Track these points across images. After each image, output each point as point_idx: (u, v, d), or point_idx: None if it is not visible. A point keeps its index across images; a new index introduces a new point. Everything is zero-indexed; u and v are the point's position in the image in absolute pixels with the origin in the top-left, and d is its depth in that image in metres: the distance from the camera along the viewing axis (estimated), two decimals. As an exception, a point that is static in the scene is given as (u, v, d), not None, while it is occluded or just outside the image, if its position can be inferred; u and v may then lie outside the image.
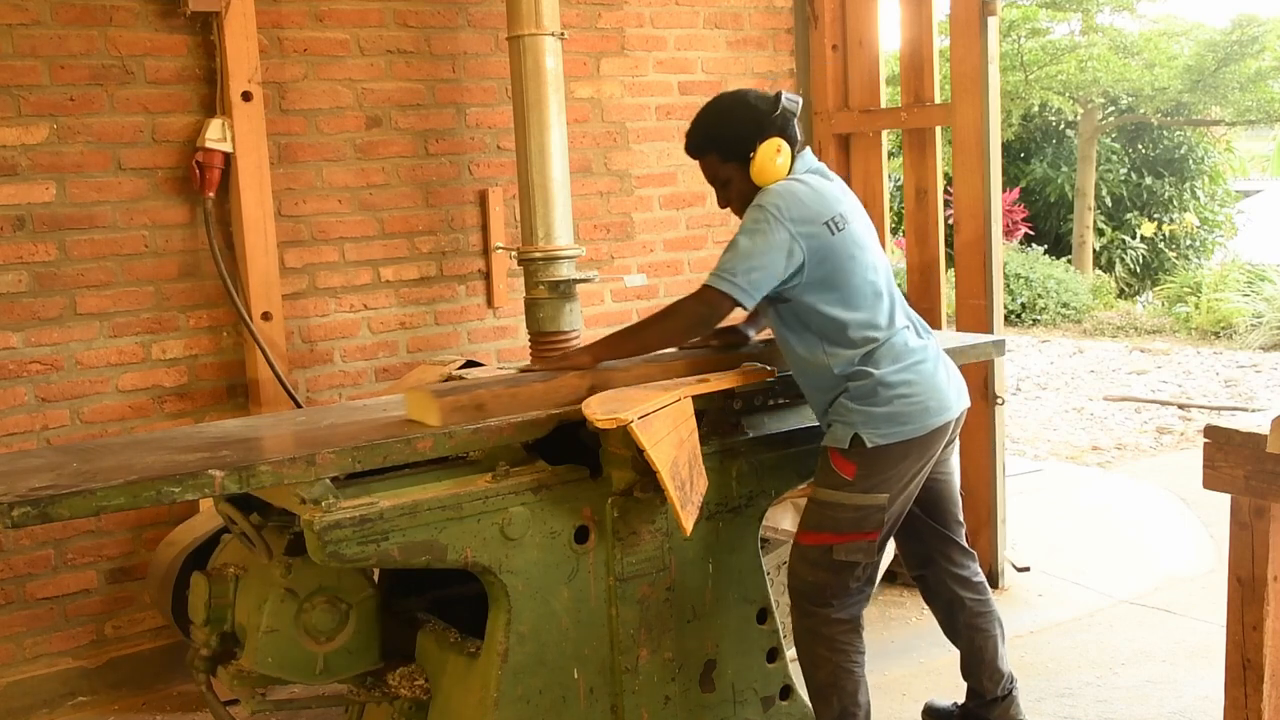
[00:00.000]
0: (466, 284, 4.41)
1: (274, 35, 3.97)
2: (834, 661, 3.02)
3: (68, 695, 3.85)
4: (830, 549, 2.96)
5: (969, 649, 3.32)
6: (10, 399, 3.69)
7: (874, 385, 2.91)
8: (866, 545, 2.97)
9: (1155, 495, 5.97)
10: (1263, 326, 10.92)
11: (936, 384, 2.98)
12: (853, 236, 2.92)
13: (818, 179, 2.98)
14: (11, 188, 3.64)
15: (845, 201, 2.98)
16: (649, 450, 2.63)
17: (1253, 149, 20.02)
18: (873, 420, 2.90)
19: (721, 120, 3.02)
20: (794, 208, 2.87)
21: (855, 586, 3.01)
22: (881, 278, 2.99)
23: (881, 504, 2.94)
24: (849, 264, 2.90)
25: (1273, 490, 2.28)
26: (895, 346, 2.95)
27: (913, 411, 2.93)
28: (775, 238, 2.84)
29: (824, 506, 2.98)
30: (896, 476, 2.95)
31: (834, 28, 4.92)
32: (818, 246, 2.87)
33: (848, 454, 2.93)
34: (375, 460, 2.58)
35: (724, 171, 3.02)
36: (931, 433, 2.97)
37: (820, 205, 2.90)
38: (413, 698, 2.88)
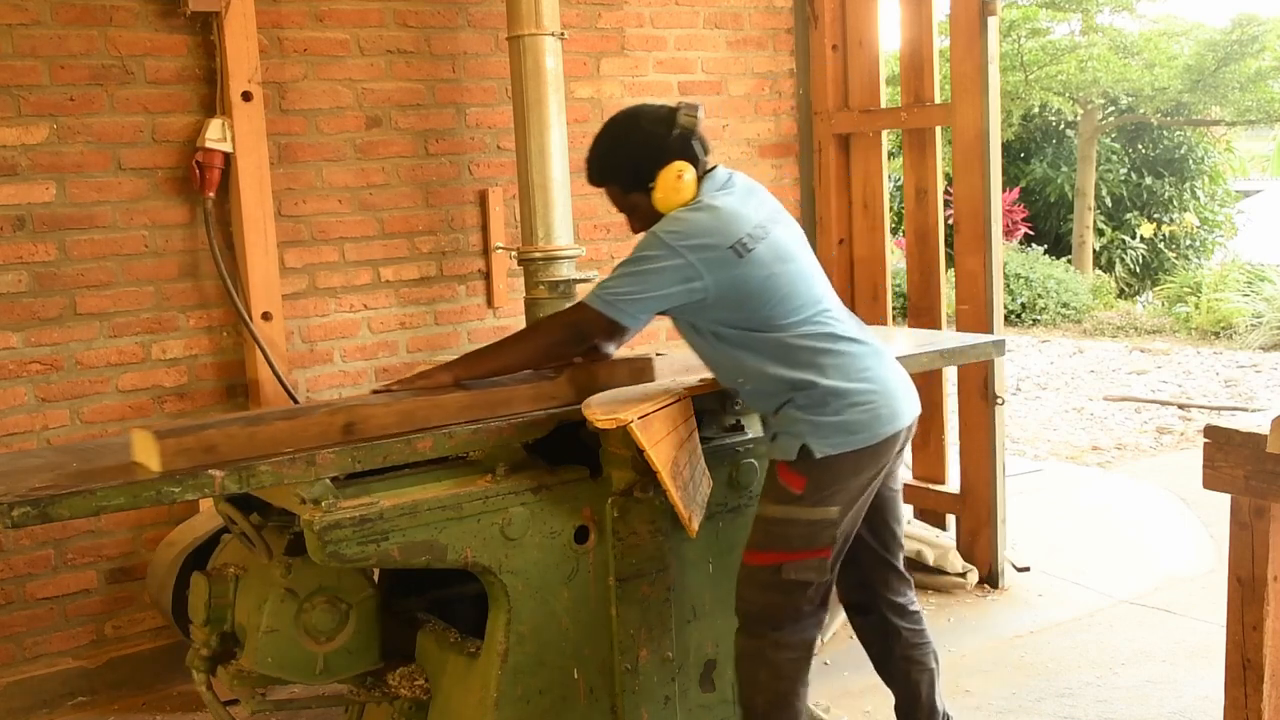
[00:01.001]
0: (466, 284, 4.41)
1: (274, 35, 3.97)
2: (775, 689, 2.83)
3: (68, 695, 3.85)
4: (780, 568, 2.78)
5: (904, 685, 3.11)
6: (10, 399, 3.69)
7: (823, 394, 2.74)
8: (818, 563, 2.78)
9: (1155, 495, 5.97)
10: (1263, 326, 10.92)
11: (887, 390, 2.81)
12: (774, 250, 2.74)
13: (727, 198, 2.78)
14: (11, 188, 3.64)
15: (762, 214, 2.80)
16: (649, 450, 2.63)
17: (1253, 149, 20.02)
18: (821, 430, 2.73)
19: (616, 149, 2.86)
20: (692, 235, 2.69)
21: (808, 609, 2.82)
22: (816, 285, 2.83)
23: (833, 518, 2.76)
24: (772, 280, 2.72)
25: (1273, 490, 2.28)
26: (839, 354, 2.77)
27: (864, 420, 2.75)
28: (667, 264, 2.68)
29: (772, 523, 2.80)
30: (847, 489, 2.77)
31: (834, 28, 4.92)
32: (724, 271, 2.69)
33: (795, 466, 2.75)
34: (375, 460, 2.59)
35: (628, 202, 2.87)
36: (884, 441, 2.78)
37: (725, 228, 2.71)
38: (413, 698, 2.88)
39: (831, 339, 2.78)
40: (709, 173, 2.84)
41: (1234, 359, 10.18)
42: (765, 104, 4.99)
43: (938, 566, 4.62)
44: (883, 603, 3.05)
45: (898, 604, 3.06)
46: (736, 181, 2.87)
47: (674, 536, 2.94)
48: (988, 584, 4.60)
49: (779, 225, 2.82)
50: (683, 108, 2.81)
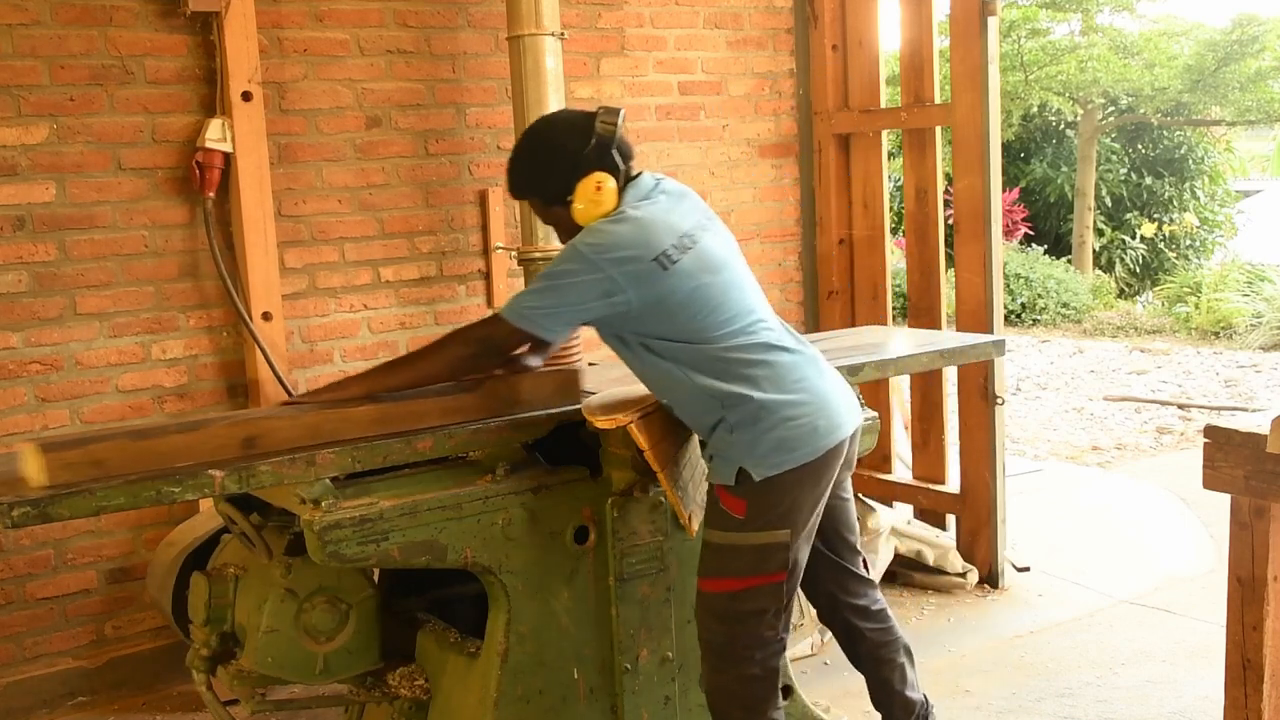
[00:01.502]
0: (466, 284, 4.41)
1: (274, 35, 3.97)
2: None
3: (68, 695, 3.85)
4: (734, 597, 2.66)
5: (874, 679, 3.06)
6: (10, 399, 3.70)
7: (755, 410, 2.60)
8: (772, 588, 2.66)
9: (1155, 495, 5.97)
10: (1263, 326, 10.92)
11: (825, 400, 2.68)
12: (701, 260, 2.62)
13: (650, 207, 2.66)
14: (11, 188, 3.64)
15: (689, 222, 2.68)
16: (648, 450, 2.63)
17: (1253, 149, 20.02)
18: (757, 450, 2.60)
19: (533, 163, 2.74)
20: (612, 248, 2.57)
21: (769, 635, 2.70)
22: (749, 294, 2.71)
23: (784, 541, 2.63)
24: (700, 290, 2.60)
25: (1273, 490, 2.28)
26: (773, 365, 2.64)
27: (801, 435, 2.62)
28: (585, 277, 2.56)
29: (719, 551, 2.68)
30: (794, 509, 2.64)
31: (834, 28, 4.92)
32: (647, 284, 2.57)
33: (734, 490, 2.62)
34: (375, 460, 2.58)
35: (549, 214, 2.77)
36: (825, 455, 2.65)
37: (647, 239, 2.59)
38: (413, 698, 2.88)
39: (764, 349, 2.65)
40: (633, 180, 2.72)
41: (1234, 359, 10.18)
42: (765, 104, 4.99)
43: (938, 566, 4.62)
44: (843, 607, 2.98)
45: (858, 606, 2.99)
46: (664, 188, 2.75)
47: (674, 536, 2.94)
48: (988, 584, 4.61)
49: (708, 233, 2.70)
50: (601, 113, 2.68)
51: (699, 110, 4.83)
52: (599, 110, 2.70)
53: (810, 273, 5.11)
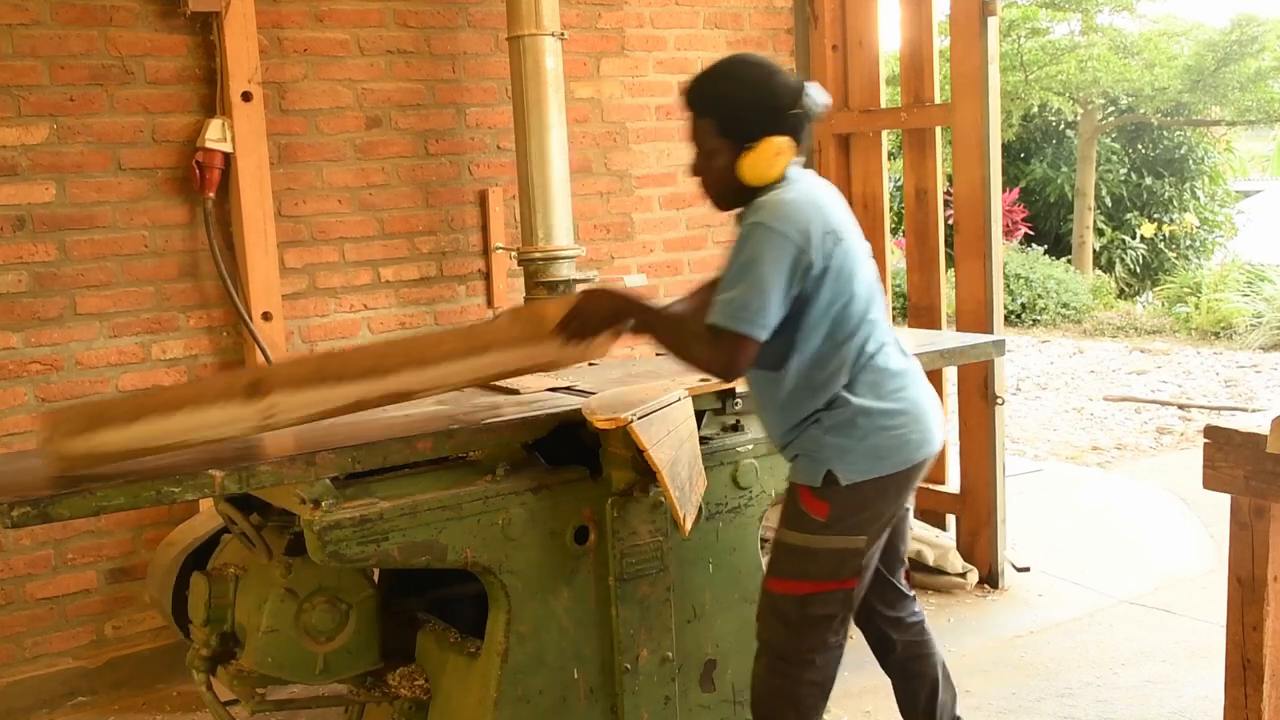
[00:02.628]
0: (466, 284, 4.41)
1: (274, 35, 3.97)
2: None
3: (68, 695, 3.85)
4: (804, 600, 2.64)
5: (902, 689, 3.05)
6: (10, 399, 3.70)
7: (852, 415, 2.59)
8: (844, 595, 2.65)
9: (1155, 495, 5.97)
10: (1263, 326, 10.92)
11: (921, 413, 2.66)
12: (848, 250, 2.59)
13: (808, 187, 2.61)
14: (11, 188, 3.64)
15: (838, 213, 2.63)
16: (648, 450, 2.63)
17: (1253, 149, 20.01)
18: (848, 455, 2.59)
19: (737, 90, 2.58)
20: (793, 215, 2.50)
21: (834, 641, 2.68)
22: (873, 299, 2.67)
23: (859, 547, 2.62)
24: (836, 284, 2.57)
25: (1273, 490, 2.28)
26: (876, 372, 2.62)
27: (893, 445, 2.61)
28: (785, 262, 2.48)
29: (794, 552, 2.65)
30: (873, 517, 2.64)
31: (834, 28, 4.92)
32: (823, 253, 2.52)
33: (820, 493, 2.61)
34: (375, 460, 2.58)
35: (713, 143, 2.61)
36: (912, 468, 2.66)
37: (820, 211, 2.55)
38: (413, 698, 2.88)
39: (872, 355, 2.63)
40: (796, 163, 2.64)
41: (1234, 359, 10.18)
42: (765, 104, 4.98)
43: (938, 566, 4.62)
44: (879, 618, 2.97)
45: (893, 618, 2.97)
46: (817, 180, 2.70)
47: (674, 536, 2.94)
48: (988, 584, 4.60)
49: (851, 224, 2.67)
50: (811, 89, 2.59)
51: (699, 110, 4.82)
52: (802, 81, 2.61)
53: (810, 273, 5.10)
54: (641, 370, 3.42)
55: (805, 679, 2.69)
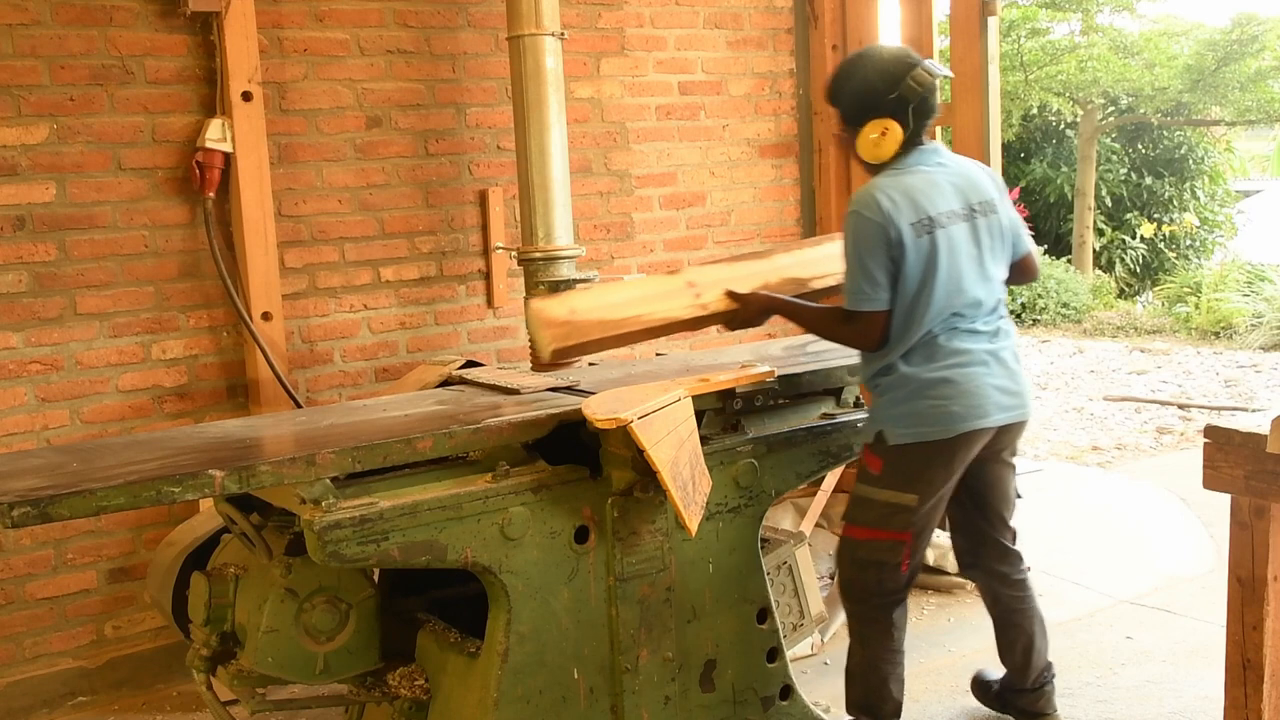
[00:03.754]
0: (466, 284, 4.41)
1: (274, 35, 3.97)
2: (863, 655, 3.13)
3: (68, 695, 3.85)
4: (859, 544, 3.04)
5: (1002, 638, 3.39)
6: (10, 399, 3.70)
7: (898, 380, 2.93)
8: (892, 544, 2.99)
9: (1155, 495, 5.97)
10: (1263, 326, 10.91)
11: (975, 389, 2.91)
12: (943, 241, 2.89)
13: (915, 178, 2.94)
14: (11, 188, 3.64)
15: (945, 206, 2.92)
16: (649, 450, 2.63)
17: (1253, 149, 20.00)
18: (895, 418, 2.93)
19: (847, 83, 3.06)
20: (879, 202, 2.88)
21: (890, 588, 3.04)
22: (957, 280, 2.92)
23: (910, 505, 2.95)
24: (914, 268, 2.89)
25: (1273, 490, 2.28)
26: (933, 345, 2.92)
27: (934, 414, 2.90)
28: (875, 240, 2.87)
29: (856, 500, 3.06)
30: (923, 479, 2.94)
31: (834, 28, 4.92)
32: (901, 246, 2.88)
33: (874, 449, 2.99)
34: (375, 460, 2.59)
35: (842, 131, 3.10)
36: (958, 438, 2.92)
37: (911, 202, 2.89)
38: (413, 698, 2.88)
39: (936, 333, 2.91)
40: (921, 145, 2.99)
41: (1234, 359, 10.18)
42: (765, 104, 4.99)
43: (938, 567, 4.61)
44: (989, 573, 3.32)
45: (1000, 572, 3.30)
46: (943, 162, 3.01)
47: (674, 536, 2.94)
48: (988, 584, 4.60)
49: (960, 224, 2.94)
50: (919, 68, 2.93)
51: (699, 110, 4.83)
52: (920, 66, 2.95)
53: (810, 273, 5.10)
54: (641, 370, 3.42)
55: (865, 615, 3.09)
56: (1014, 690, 3.47)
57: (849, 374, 3.29)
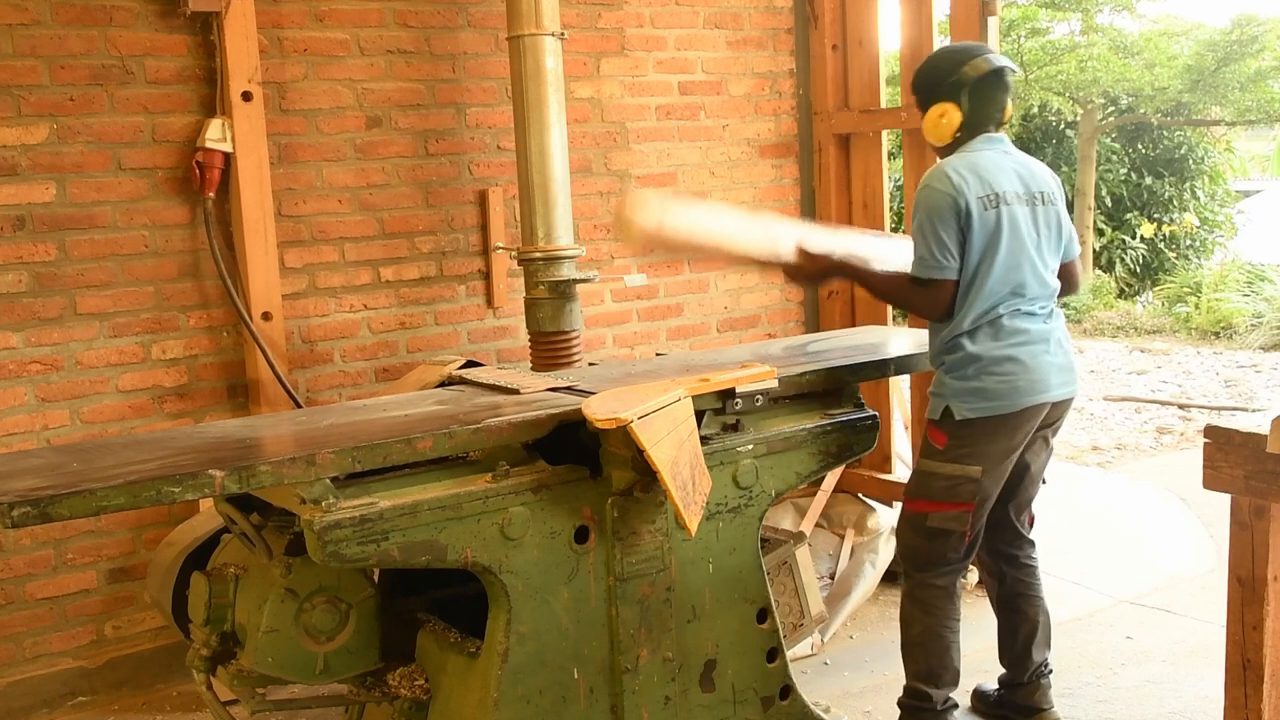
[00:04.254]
0: (466, 284, 4.41)
1: (274, 35, 3.97)
2: (925, 624, 3.26)
3: (68, 695, 3.85)
4: (925, 516, 3.20)
5: (1004, 626, 3.47)
6: (10, 399, 3.70)
7: (965, 359, 3.09)
8: (959, 515, 3.15)
9: (1155, 495, 5.97)
10: (1263, 326, 10.91)
11: (1036, 364, 3.11)
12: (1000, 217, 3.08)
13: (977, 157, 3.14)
14: (11, 188, 3.64)
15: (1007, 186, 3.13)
16: (649, 450, 2.63)
17: (1253, 149, 19.99)
18: (962, 394, 3.10)
19: (920, 70, 3.33)
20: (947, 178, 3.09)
21: (952, 556, 3.21)
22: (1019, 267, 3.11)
23: (974, 476, 3.12)
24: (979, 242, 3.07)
25: (1273, 490, 2.28)
26: (996, 325, 3.09)
27: (1001, 389, 3.08)
28: (945, 212, 3.06)
29: (921, 475, 3.23)
30: (987, 452, 3.12)
31: (834, 28, 4.92)
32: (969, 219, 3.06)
33: (940, 424, 3.15)
34: (375, 460, 2.58)
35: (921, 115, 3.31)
36: (1021, 411, 3.10)
37: (979, 178, 3.09)
38: (413, 698, 2.88)
39: (998, 311, 3.09)
40: (984, 134, 3.21)
41: (1234, 359, 10.18)
42: (765, 104, 4.99)
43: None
44: (996, 553, 3.43)
45: (1009, 554, 3.42)
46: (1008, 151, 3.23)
47: (674, 536, 2.94)
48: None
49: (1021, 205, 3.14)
50: (976, 59, 3.18)
51: (699, 110, 4.83)
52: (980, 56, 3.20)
53: (810, 273, 5.10)
54: (641, 370, 3.42)
55: (930, 584, 3.25)
56: (1010, 686, 3.50)
57: (849, 374, 3.29)
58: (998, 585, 3.47)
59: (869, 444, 3.30)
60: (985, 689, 3.59)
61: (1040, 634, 3.45)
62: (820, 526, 4.77)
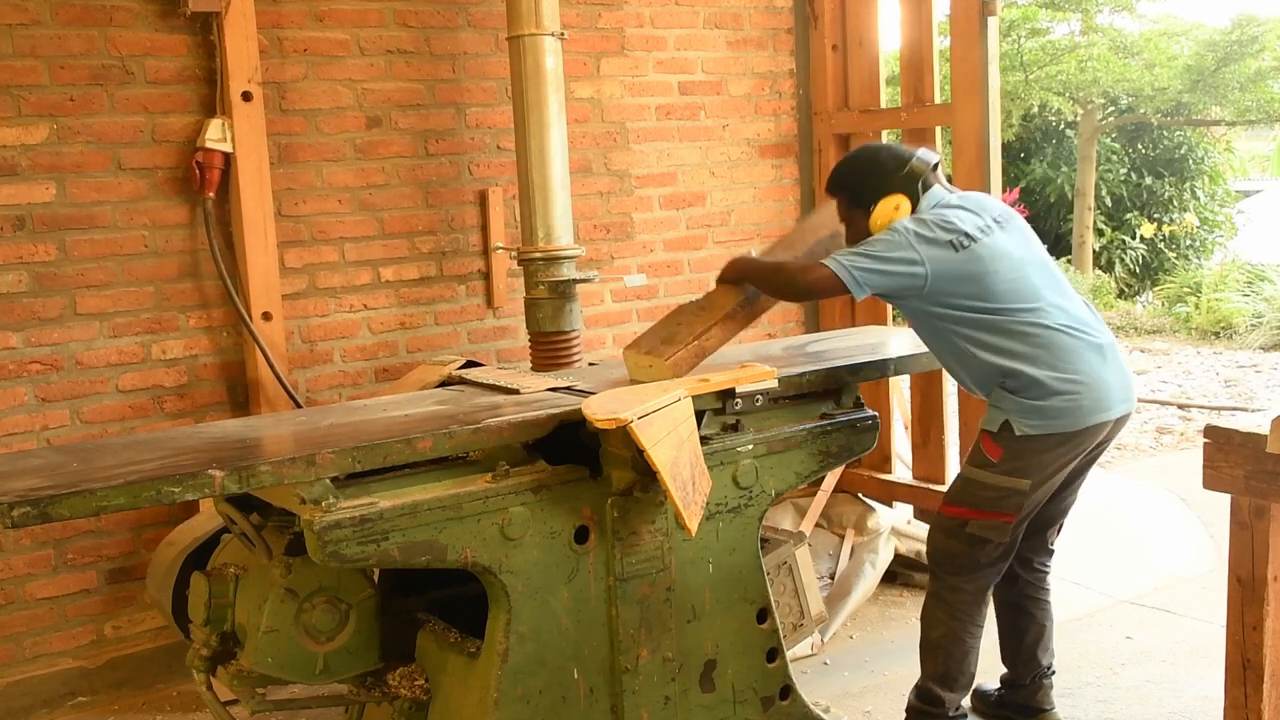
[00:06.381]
0: (466, 284, 4.41)
1: (274, 35, 3.97)
2: (949, 626, 3.26)
3: (68, 695, 3.85)
4: (966, 523, 3.18)
5: (1010, 628, 3.47)
6: (10, 399, 3.70)
7: (1029, 383, 3.06)
8: (1000, 525, 3.15)
9: (1155, 495, 5.97)
10: (1263, 326, 10.90)
11: (1098, 382, 3.10)
12: (992, 249, 3.08)
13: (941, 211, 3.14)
14: (11, 188, 3.64)
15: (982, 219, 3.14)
16: (649, 450, 2.63)
17: (1253, 149, 19.99)
18: (1025, 411, 3.07)
19: (854, 171, 3.30)
20: (921, 232, 3.07)
21: (985, 562, 3.21)
22: (1040, 282, 3.13)
23: (1023, 489, 3.11)
24: (987, 274, 3.06)
25: (1273, 490, 2.28)
26: (1051, 345, 3.08)
27: (1068, 409, 3.06)
28: (901, 254, 3.04)
29: (968, 483, 3.20)
30: (1041, 465, 3.11)
31: (834, 28, 4.91)
32: (944, 265, 3.04)
33: (996, 437, 3.12)
34: (375, 460, 2.58)
35: (848, 214, 3.27)
36: (1084, 430, 3.10)
37: (943, 229, 3.07)
38: (413, 698, 2.88)
39: (1047, 329, 3.08)
40: (928, 190, 3.20)
41: (1234, 359, 10.17)
42: (765, 104, 4.99)
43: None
44: (1016, 557, 3.37)
45: (1025, 557, 3.41)
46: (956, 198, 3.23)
47: (674, 536, 2.94)
48: (988, 584, 4.60)
49: (998, 231, 3.14)
50: (919, 155, 3.21)
51: (699, 110, 4.83)
52: (918, 152, 3.23)
53: (810, 273, 5.10)
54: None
55: (960, 587, 3.25)
56: (1012, 687, 3.50)
57: (849, 374, 3.29)
58: (1008, 586, 3.44)
59: (869, 444, 3.31)
60: (986, 689, 3.59)
61: (1045, 638, 3.46)
62: (820, 526, 4.77)
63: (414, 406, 3.04)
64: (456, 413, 2.89)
